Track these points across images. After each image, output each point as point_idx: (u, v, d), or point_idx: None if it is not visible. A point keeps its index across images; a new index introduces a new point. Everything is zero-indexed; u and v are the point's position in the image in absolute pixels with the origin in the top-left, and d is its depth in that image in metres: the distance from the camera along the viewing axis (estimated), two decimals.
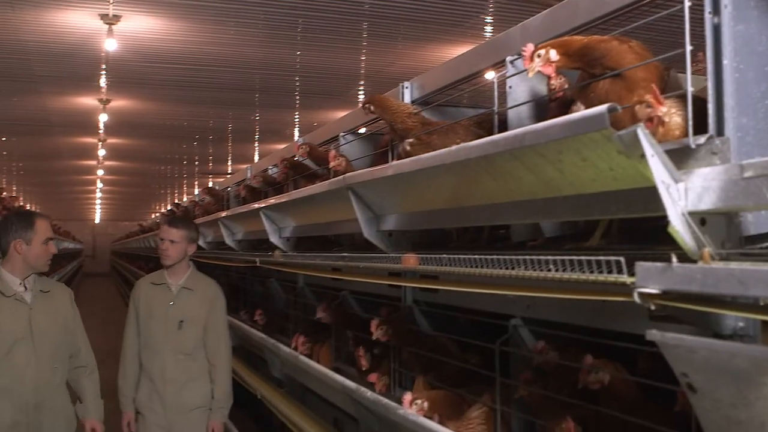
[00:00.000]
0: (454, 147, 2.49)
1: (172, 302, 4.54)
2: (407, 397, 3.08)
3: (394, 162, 3.22)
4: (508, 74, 2.90)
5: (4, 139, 20.06)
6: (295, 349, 4.94)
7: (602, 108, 1.71)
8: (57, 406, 3.93)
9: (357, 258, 3.37)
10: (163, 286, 4.60)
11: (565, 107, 2.63)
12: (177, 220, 4.88)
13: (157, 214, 28.29)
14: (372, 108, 3.57)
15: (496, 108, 2.86)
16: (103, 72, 12.85)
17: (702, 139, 1.85)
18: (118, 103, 15.13)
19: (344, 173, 3.72)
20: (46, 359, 3.86)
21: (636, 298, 1.69)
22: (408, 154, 3.18)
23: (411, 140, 3.27)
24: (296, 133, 17.93)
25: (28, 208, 21.93)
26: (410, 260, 2.96)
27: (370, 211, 3.48)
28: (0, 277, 3.84)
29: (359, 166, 4.25)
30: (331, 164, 4.28)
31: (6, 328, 3.77)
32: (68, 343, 4.04)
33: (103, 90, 14.03)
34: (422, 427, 2.95)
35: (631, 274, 1.72)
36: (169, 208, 20.49)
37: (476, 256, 2.41)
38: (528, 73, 2.46)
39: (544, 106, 2.89)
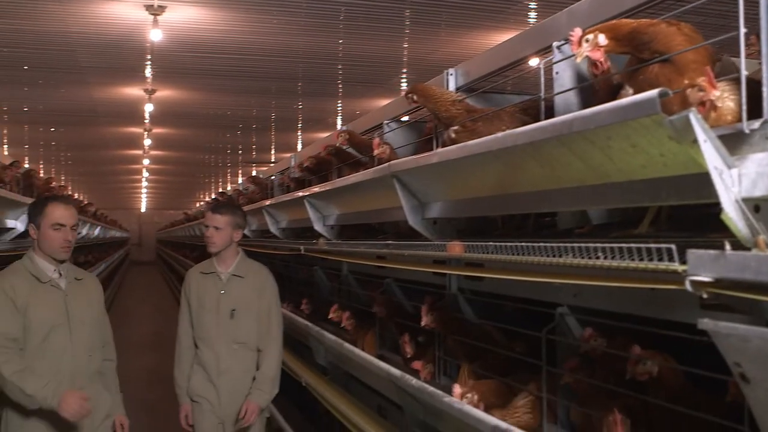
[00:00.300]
0: (500, 134, 2.48)
1: (223, 291, 4.44)
2: (457, 390, 3.07)
3: (440, 149, 3.20)
4: (554, 60, 2.86)
5: (52, 129, 20.42)
6: (340, 323, 4.94)
7: (653, 93, 1.69)
8: (94, 394, 3.80)
9: (402, 246, 3.37)
10: (213, 275, 4.50)
11: (614, 93, 2.59)
12: (221, 206, 4.72)
13: (202, 203, 28.57)
14: (415, 97, 3.55)
15: (542, 94, 2.82)
16: (149, 62, 13.00)
17: (756, 124, 1.80)
18: (163, 93, 15.30)
19: (388, 161, 3.70)
20: (82, 346, 3.79)
21: (688, 286, 1.66)
22: (453, 142, 3.17)
23: (456, 127, 3.25)
24: (339, 122, 17.97)
25: (75, 197, 22.30)
26: (455, 248, 2.95)
27: (414, 198, 3.48)
28: (34, 263, 3.78)
29: (403, 154, 4.24)
30: (376, 152, 4.27)
31: (42, 314, 3.70)
32: (101, 332, 3.99)
33: (149, 80, 14.20)
34: (468, 415, 2.94)
35: (683, 261, 1.69)
36: (213, 196, 20.71)
37: (523, 244, 2.40)
38: (576, 58, 2.43)
39: (591, 92, 2.85)
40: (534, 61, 3.24)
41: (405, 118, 4.77)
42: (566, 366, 2.75)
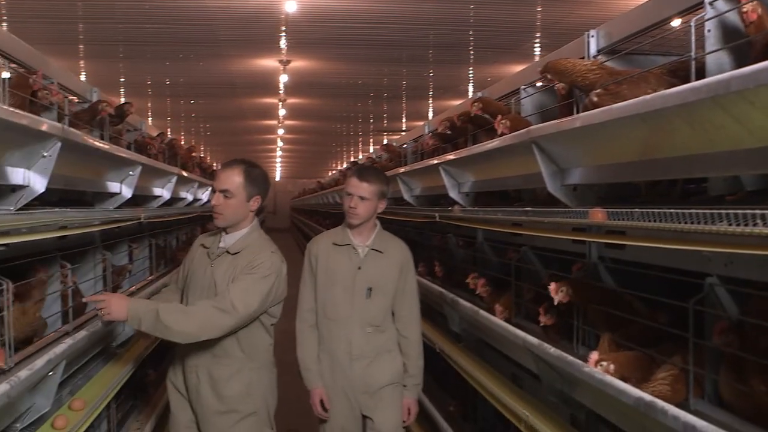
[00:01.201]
0: (648, 95, 2.38)
1: (360, 267, 4.03)
2: (593, 356, 3.00)
3: (582, 113, 3.11)
4: (706, 17, 2.71)
5: (192, 102, 21.22)
6: (475, 290, 4.87)
7: None
8: (211, 381, 3.73)
9: (541, 213, 3.31)
10: (348, 248, 4.07)
11: None
12: (368, 172, 4.17)
13: (334, 172, 29.05)
14: (549, 75, 3.47)
15: (693, 54, 2.68)
16: (283, 34, 13.27)
17: None
18: (297, 63, 15.59)
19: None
20: None
21: None
22: (595, 105, 3.07)
23: (598, 91, 3.15)
24: (470, 89, 17.81)
25: (214, 166, 23.15)
26: (598, 215, 2.87)
27: (554, 164, 3.40)
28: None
29: (537, 121, 4.15)
30: (500, 130, 4.11)
31: (191, 273, 3.84)
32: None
33: (283, 52, 14.51)
34: (608, 385, 2.87)
35: None
36: (345, 165, 21.00)
37: (672, 211, 2.30)
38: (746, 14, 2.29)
39: (745, 53, 2.69)
40: (675, 23, 3.10)
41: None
42: (715, 329, 2.62)
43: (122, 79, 17.27)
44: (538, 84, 4.62)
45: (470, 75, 17.09)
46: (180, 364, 3.82)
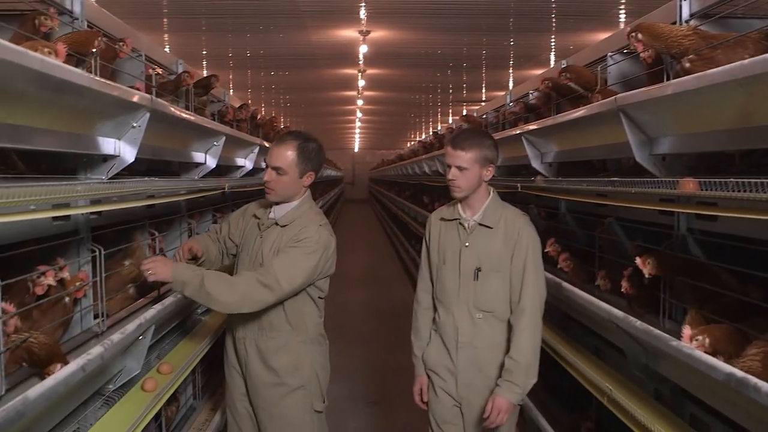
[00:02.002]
0: (747, 60, 2.28)
1: (467, 244, 3.61)
2: (686, 331, 2.92)
3: (673, 80, 3.00)
4: None
5: (272, 73, 21.41)
6: (556, 264, 4.79)
7: None
8: (261, 352, 3.76)
9: (628, 183, 3.23)
10: (455, 223, 3.68)
11: None
12: (463, 138, 3.66)
13: (413, 143, 29.02)
14: (640, 36, 3.31)
15: None
16: (363, 4, 13.22)
17: None
18: (377, 34, 15.54)
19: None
20: None
21: None
22: (687, 72, 2.96)
23: (691, 57, 3.04)
24: (552, 58, 17.47)
25: None
26: (689, 185, 2.78)
27: (642, 133, 3.31)
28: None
29: (619, 90, 4.04)
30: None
31: (244, 242, 3.84)
32: None
33: (363, 22, 14.47)
34: (696, 360, 2.80)
35: None
36: (424, 136, 20.95)
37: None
38: None
39: None
40: None
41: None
42: None
43: (204, 52, 17.51)
44: (626, 52, 4.50)
45: (552, 43, 16.73)
46: (231, 335, 3.86)
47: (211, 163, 5.28)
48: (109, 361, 3.14)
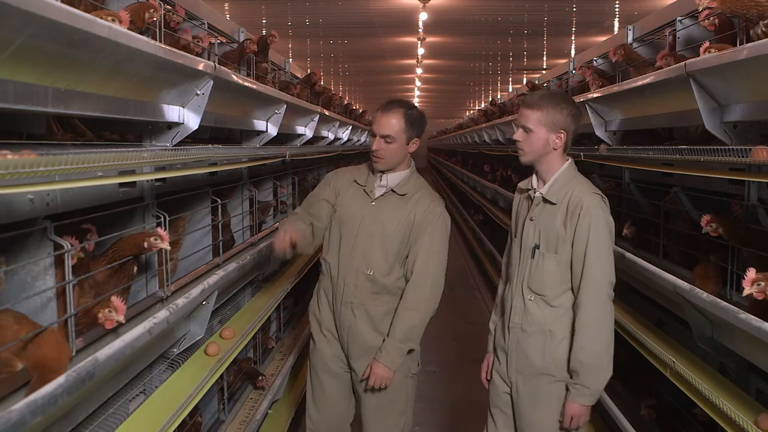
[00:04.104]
0: None
1: (531, 218, 3.39)
2: (750, 274, 2.79)
3: (749, 44, 2.89)
4: None
5: (331, 42, 21.39)
6: (623, 233, 4.68)
7: None
8: (370, 317, 3.81)
9: (697, 151, 3.14)
10: (527, 194, 3.48)
11: None
12: (536, 96, 3.40)
13: (472, 111, 28.77)
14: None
15: None
16: None
17: None
18: (437, 1, 15.38)
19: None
20: (362, 260, 3.77)
21: None
22: (766, 35, 2.86)
23: None
24: (615, 24, 17.07)
25: (354, 107, 23.40)
26: (761, 153, 2.69)
27: (713, 100, 3.21)
28: (369, 166, 3.93)
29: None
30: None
31: (342, 214, 3.84)
32: (394, 254, 3.78)
33: None
34: (765, 333, 2.73)
35: None
36: (482, 105, 20.75)
37: None
38: None
39: None
40: None
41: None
42: None
43: (264, 21, 17.58)
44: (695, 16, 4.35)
45: (616, 9, 16.35)
46: (328, 300, 3.88)
47: (272, 131, 5.30)
48: (174, 325, 3.20)
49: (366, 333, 3.78)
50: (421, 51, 21.40)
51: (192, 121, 3.46)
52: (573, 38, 19.99)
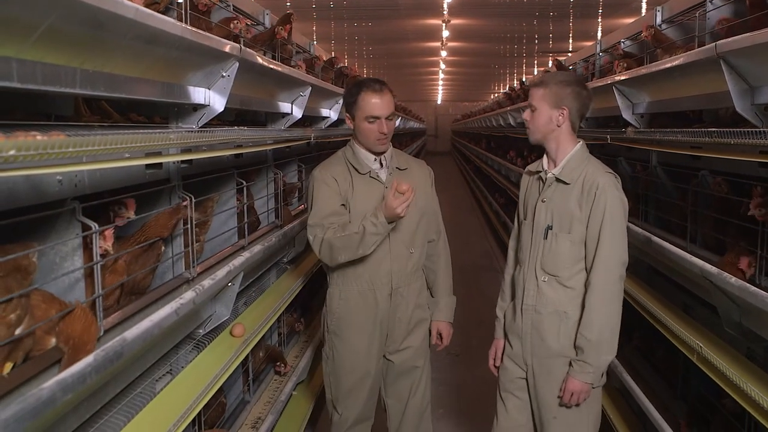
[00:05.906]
0: None
1: (543, 199, 3.35)
2: None
3: None
4: None
5: (355, 24, 21.35)
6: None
7: None
8: (411, 295, 3.79)
9: (727, 133, 3.09)
10: (537, 176, 3.45)
11: None
12: (543, 75, 3.48)
13: (497, 94, 28.61)
14: None
15: None
16: None
17: None
18: None
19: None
20: (401, 242, 3.65)
21: None
22: None
23: None
24: (643, 5, 16.87)
25: None
26: None
27: (744, 82, 3.17)
28: (355, 153, 3.71)
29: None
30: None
31: (361, 206, 3.59)
32: (426, 225, 3.77)
33: None
34: None
35: None
36: (508, 88, 20.62)
37: None
38: None
39: None
40: None
41: None
42: None
43: (288, 3, 17.58)
44: None
45: None
46: (372, 287, 3.71)
47: (297, 113, 5.30)
48: (200, 306, 3.23)
49: (407, 306, 3.86)
50: (445, 33, 21.30)
51: (218, 103, 3.46)
52: (599, 20, 19.79)
